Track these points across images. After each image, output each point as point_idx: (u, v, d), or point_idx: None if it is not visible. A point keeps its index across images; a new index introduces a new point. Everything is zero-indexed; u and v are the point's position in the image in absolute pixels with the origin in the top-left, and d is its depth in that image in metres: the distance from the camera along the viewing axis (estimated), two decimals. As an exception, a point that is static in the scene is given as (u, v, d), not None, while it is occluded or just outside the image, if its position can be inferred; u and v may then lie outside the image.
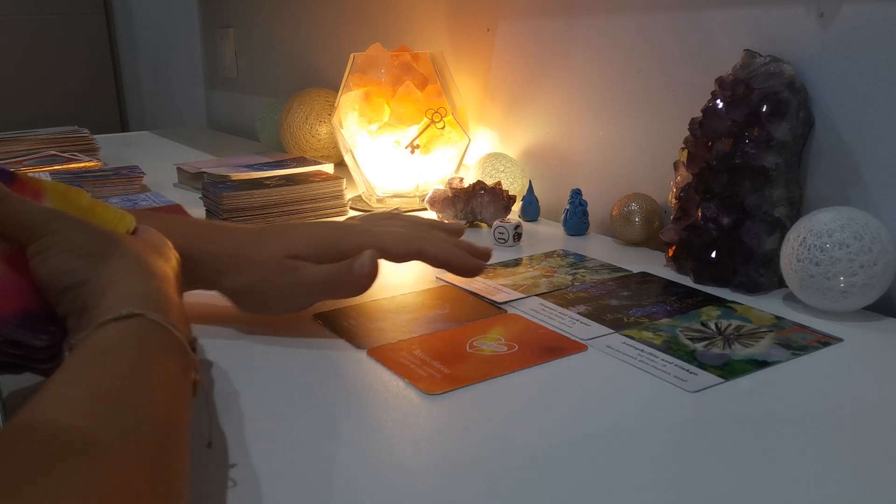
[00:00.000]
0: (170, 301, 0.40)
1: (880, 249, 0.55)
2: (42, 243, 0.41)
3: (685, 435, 0.42)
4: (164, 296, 0.40)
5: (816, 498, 0.36)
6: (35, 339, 0.40)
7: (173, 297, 0.41)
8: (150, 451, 0.30)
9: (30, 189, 0.44)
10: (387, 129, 0.93)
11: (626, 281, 0.67)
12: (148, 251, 0.44)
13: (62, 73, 2.74)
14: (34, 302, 0.41)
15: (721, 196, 0.66)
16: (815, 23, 0.64)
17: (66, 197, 0.46)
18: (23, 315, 0.40)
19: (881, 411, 0.45)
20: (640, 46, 0.80)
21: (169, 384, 0.35)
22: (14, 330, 0.40)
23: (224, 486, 0.37)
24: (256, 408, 0.46)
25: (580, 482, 0.38)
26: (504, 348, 0.53)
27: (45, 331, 0.41)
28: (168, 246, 0.48)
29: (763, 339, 0.54)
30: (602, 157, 0.87)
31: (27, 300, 0.41)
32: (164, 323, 0.37)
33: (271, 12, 1.62)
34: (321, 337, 0.56)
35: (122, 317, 0.36)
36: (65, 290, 0.40)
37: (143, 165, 1.17)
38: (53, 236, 0.41)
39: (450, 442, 0.42)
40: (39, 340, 0.40)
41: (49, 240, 0.41)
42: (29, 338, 0.40)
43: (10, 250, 0.42)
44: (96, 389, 0.32)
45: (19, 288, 0.41)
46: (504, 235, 0.79)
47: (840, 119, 0.63)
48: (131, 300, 0.38)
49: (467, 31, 1.04)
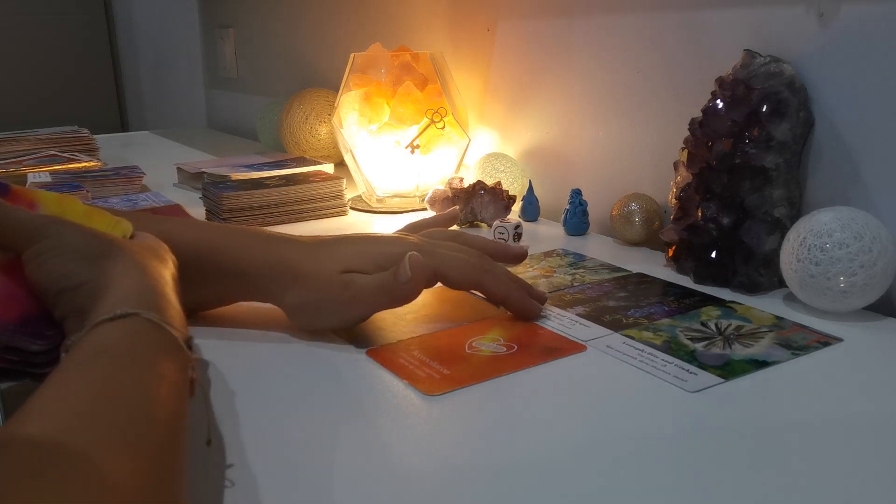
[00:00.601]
0: (165, 300, 0.40)
1: (880, 249, 0.55)
2: (38, 248, 0.41)
3: (685, 435, 0.42)
4: (159, 295, 0.40)
5: (817, 498, 0.36)
6: (32, 343, 0.40)
7: (169, 297, 0.41)
8: (146, 451, 0.30)
9: (24, 199, 0.45)
10: (387, 129, 0.93)
11: (624, 282, 0.67)
12: (144, 253, 0.44)
13: (62, 73, 2.74)
14: (32, 308, 0.41)
15: (721, 196, 0.65)
16: (815, 23, 0.64)
17: (61, 205, 0.46)
18: (20, 321, 0.41)
19: (881, 411, 0.45)
20: (640, 46, 0.80)
21: (165, 383, 0.35)
22: (11, 336, 0.40)
23: (220, 486, 0.37)
24: (255, 408, 0.45)
25: (580, 483, 0.38)
26: (503, 349, 0.53)
27: (42, 336, 0.41)
28: (165, 250, 0.47)
29: (763, 339, 0.54)
30: (602, 157, 0.87)
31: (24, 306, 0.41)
32: (160, 322, 0.37)
33: (271, 12, 1.62)
34: (321, 337, 0.56)
35: (117, 317, 0.36)
36: (61, 292, 0.40)
37: (143, 165, 1.17)
38: (49, 240, 0.41)
39: (449, 443, 0.42)
40: (37, 345, 0.40)
41: (45, 244, 0.41)
42: (26, 343, 0.40)
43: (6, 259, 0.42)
44: (91, 389, 0.32)
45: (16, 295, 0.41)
46: (504, 235, 0.79)
47: (840, 119, 0.63)
48: (127, 300, 0.38)
49: (467, 31, 1.04)
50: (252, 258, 0.54)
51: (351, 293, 0.53)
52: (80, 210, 0.46)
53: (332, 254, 0.54)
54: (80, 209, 0.46)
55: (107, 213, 0.47)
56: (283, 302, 0.55)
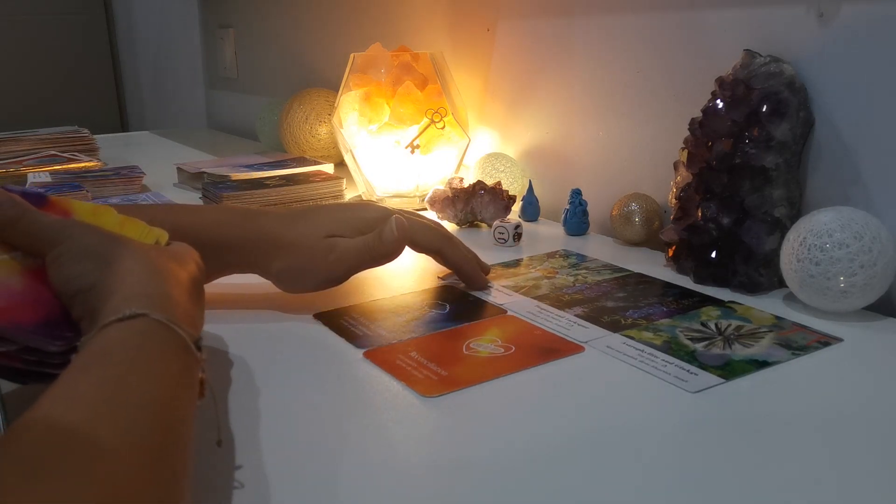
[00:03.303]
0: (175, 301, 0.40)
1: (880, 249, 0.55)
2: (57, 251, 0.42)
3: (686, 435, 0.42)
4: (169, 296, 0.40)
5: (817, 498, 0.36)
6: (50, 344, 0.41)
7: (179, 298, 0.41)
8: (151, 452, 0.30)
9: (59, 209, 0.46)
10: (387, 129, 0.93)
11: (623, 282, 0.67)
12: (159, 255, 0.44)
13: (62, 73, 2.74)
14: (56, 310, 0.41)
15: (721, 196, 0.65)
16: (815, 23, 0.64)
17: (95, 214, 0.47)
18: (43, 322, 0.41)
19: (881, 411, 0.44)
20: (640, 46, 0.80)
21: (172, 384, 0.35)
22: (29, 337, 0.40)
23: (217, 486, 0.37)
24: (255, 409, 0.45)
25: (580, 483, 0.38)
26: (501, 350, 0.53)
27: (61, 337, 0.41)
28: (189, 254, 0.48)
29: (763, 339, 0.54)
30: (602, 157, 0.87)
31: (47, 309, 0.41)
32: (168, 322, 0.37)
33: (271, 12, 1.62)
34: (321, 337, 0.56)
35: (126, 317, 0.37)
36: (76, 293, 0.40)
37: (143, 165, 1.17)
38: (67, 243, 0.42)
39: (448, 445, 0.42)
40: (55, 346, 0.41)
41: (63, 247, 0.42)
42: (44, 343, 0.41)
43: (35, 264, 0.43)
44: (99, 390, 0.32)
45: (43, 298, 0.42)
46: (504, 235, 0.79)
47: (840, 119, 0.63)
48: (136, 300, 0.38)
49: (467, 31, 1.04)
50: (234, 233, 0.59)
51: (336, 255, 0.58)
52: (115, 220, 0.47)
53: (311, 222, 0.60)
54: (115, 219, 0.47)
55: (141, 223, 0.48)
56: (270, 270, 0.60)
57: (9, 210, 0.42)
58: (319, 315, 0.60)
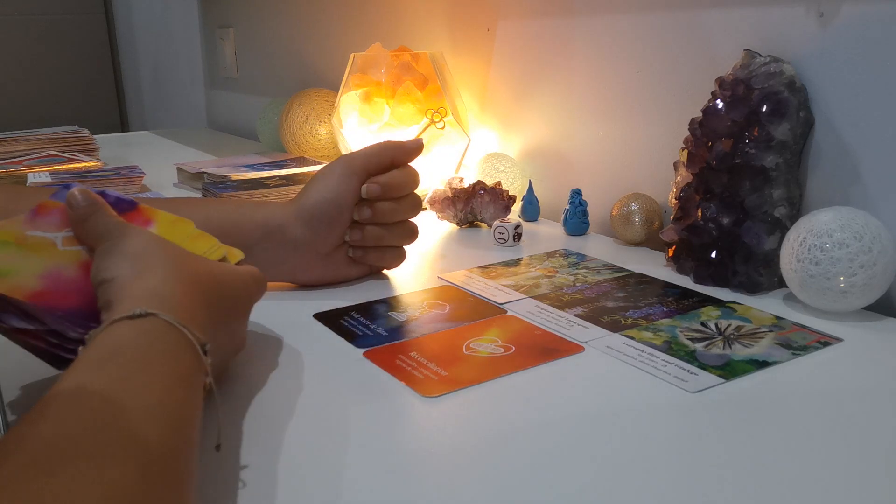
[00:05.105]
0: (185, 304, 0.40)
1: (880, 249, 0.55)
2: (105, 246, 0.43)
3: (686, 435, 0.42)
4: (180, 298, 0.40)
5: (817, 498, 0.36)
6: (71, 330, 0.43)
7: (190, 302, 0.41)
8: (156, 453, 0.30)
9: (143, 216, 0.48)
10: (387, 129, 0.93)
11: (623, 282, 0.67)
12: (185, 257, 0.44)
13: (62, 73, 2.74)
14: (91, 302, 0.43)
15: (721, 196, 0.65)
16: (815, 23, 0.64)
17: (174, 225, 0.49)
18: (75, 310, 0.43)
19: (881, 411, 0.44)
20: (640, 46, 0.80)
21: (178, 386, 0.35)
22: (56, 320, 0.42)
23: (215, 486, 0.37)
24: (254, 409, 0.45)
25: (580, 483, 0.38)
26: (501, 350, 0.53)
27: (84, 326, 0.43)
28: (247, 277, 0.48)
29: (763, 339, 0.54)
30: (602, 157, 0.87)
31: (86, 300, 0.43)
32: (177, 324, 0.37)
33: (271, 12, 1.62)
34: (321, 337, 0.56)
35: (135, 315, 0.37)
36: (100, 284, 0.42)
37: (143, 165, 1.17)
38: (116, 240, 0.43)
39: (448, 444, 0.42)
40: (74, 333, 0.43)
41: (111, 243, 0.43)
42: (66, 329, 0.43)
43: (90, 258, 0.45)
44: (105, 391, 0.32)
45: (83, 289, 0.44)
46: (504, 235, 0.79)
47: (840, 119, 0.63)
48: (147, 300, 0.38)
49: (467, 31, 1.04)
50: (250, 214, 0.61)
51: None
52: (189, 232, 0.49)
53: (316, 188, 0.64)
54: (187, 231, 0.49)
55: (213, 239, 0.50)
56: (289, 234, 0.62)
57: (82, 208, 0.44)
58: (319, 315, 0.60)
